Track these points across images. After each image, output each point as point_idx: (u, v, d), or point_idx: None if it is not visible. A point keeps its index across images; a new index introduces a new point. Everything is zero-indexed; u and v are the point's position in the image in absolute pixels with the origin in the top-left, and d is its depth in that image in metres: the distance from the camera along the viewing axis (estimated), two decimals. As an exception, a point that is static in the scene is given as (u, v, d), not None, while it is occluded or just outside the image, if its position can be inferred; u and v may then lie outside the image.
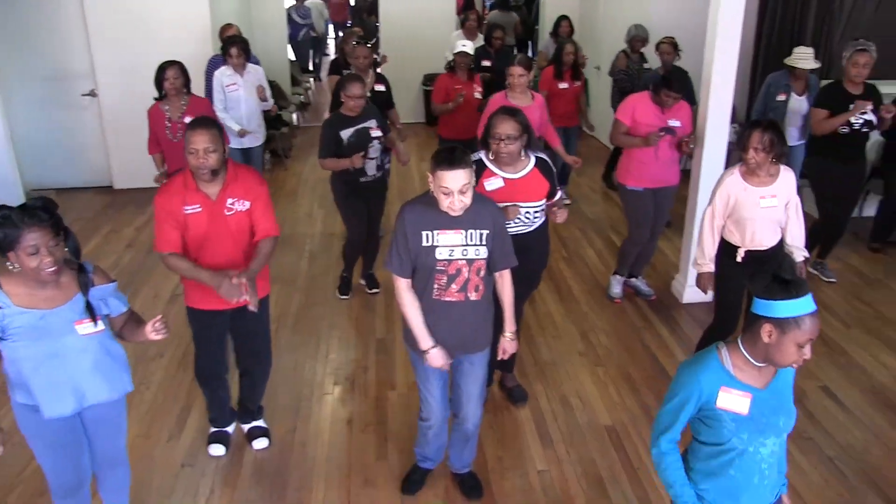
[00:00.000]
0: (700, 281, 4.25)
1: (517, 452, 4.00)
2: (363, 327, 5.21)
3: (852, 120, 5.48)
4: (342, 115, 5.06)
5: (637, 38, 7.05)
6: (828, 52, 7.72)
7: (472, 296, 3.18)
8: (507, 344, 3.42)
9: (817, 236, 5.88)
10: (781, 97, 6.14)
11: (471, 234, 3.10)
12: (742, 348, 2.29)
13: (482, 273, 3.17)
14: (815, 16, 7.63)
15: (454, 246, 3.08)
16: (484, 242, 3.12)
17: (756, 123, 3.86)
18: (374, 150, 5.14)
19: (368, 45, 6.06)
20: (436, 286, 3.14)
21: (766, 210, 3.97)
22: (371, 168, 5.19)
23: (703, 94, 5.19)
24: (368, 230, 5.51)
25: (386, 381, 4.60)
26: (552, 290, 5.77)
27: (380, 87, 6.13)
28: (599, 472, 3.85)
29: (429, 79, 10.39)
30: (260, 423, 4.10)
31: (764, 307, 2.19)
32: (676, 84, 5.00)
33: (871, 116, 5.47)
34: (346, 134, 5.04)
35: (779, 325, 2.17)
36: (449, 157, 2.92)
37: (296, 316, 5.37)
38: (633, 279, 5.68)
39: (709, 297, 4.44)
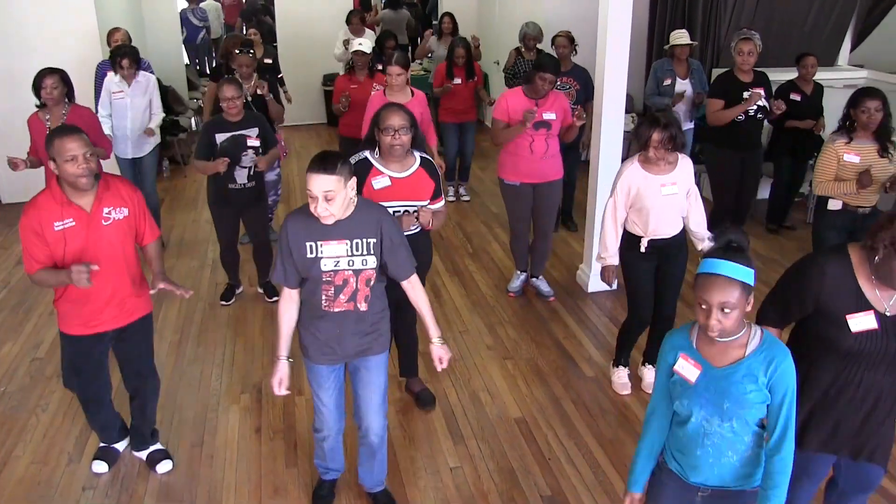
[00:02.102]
0: (604, 274, 4.27)
1: (429, 451, 3.98)
2: (269, 334, 5.10)
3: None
4: (222, 119, 5.00)
5: (529, 35, 7.10)
6: (716, 42, 7.99)
7: (362, 306, 3.09)
8: (438, 350, 3.26)
9: (717, 223, 6.05)
10: (667, 81, 6.39)
11: (356, 243, 3.00)
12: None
13: (372, 283, 3.08)
14: (703, 7, 7.87)
15: (339, 256, 2.99)
16: (371, 252, 3.03)
17: (655, 120, 3.84)
18: (248, 159, 5.03)
19: (251, 54, 5.92)
20: (324, 297, 3.05)
21: (667, 198, 3.99)
22: (241, 176, 5.07)
23: (598, 87, 5.28)
24: (253, 239, 5.47)
25: (294, 387, 4.48)
26: (458, 285, 5.79)
27: (261, 93, 5.97)
28: (511, 465, 3.86)
29: (328, 79, 10.28)
30: (157, 446, 3.92)
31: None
32: (547, 63, 4.93)
33: (764, 102, 5.67)
34: (220, 138, 4.96)
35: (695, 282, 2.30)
36: (319, 160, 2.82)
37: (200, 326, 5.22)
38: (534, 279, 5.65)
39: (614, 287, 4.50)
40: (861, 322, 2.53)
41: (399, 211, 3.75)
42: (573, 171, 6.72)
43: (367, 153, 3.75)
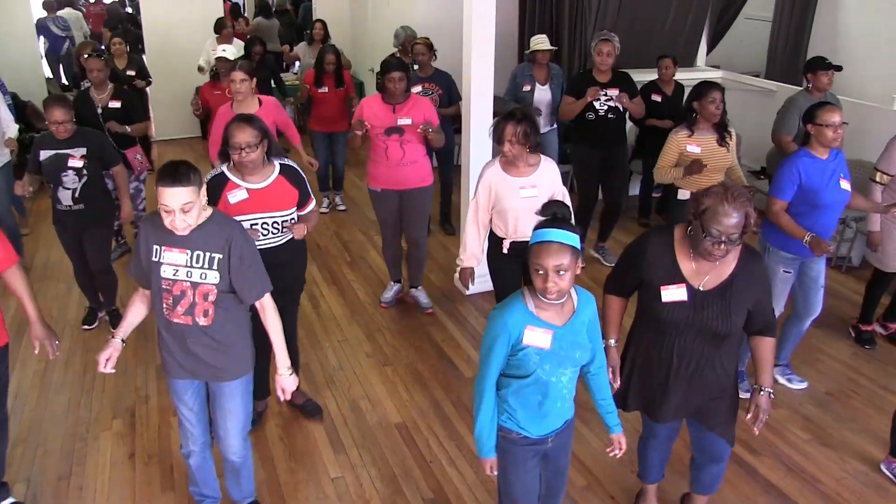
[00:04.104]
0: (461, 276, 4.32)
1: (310, 462, 3.94)
2: (141, 353, 4.92)
3: (597, 106, 5.84)
4: (51, 135, 4.72)
5: (409, 39, 7.10)
6: (583, 44, 8.23)
7: (201, 321, 2.98)
8: (283, 381, 3.16)
9: (584, 221, 6.26)
10: (527, 87, 6.48)
11: (197, 255, 2.91)
12: (535, 289, 2.53)
13: (211, 298, 2.95)
14: (568, 10, 8.10)
15: (178, 265, 2.92)
16: (214, 267, 2.92)
17: (510, 115, 3.87)
18: (70, 179, 4.74)
19: (103, 58, 5.71)
20: (164, 305, 2.98)
21: (526, 200, 4.00)
22: (66, 198, 4.80)
23: (465, 90, 5.34)
24: (92, 266, 5.12)
25: (169, 407, 4.37)
26: (336, 294, 5.76)
27: (114, 104, 5.71)
28: (393, 471, 3.87)
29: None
30: (9, 500, 3.57)
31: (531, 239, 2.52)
32: (391, 64, 4.92)
33: (615, 102, 5.86)
34: (44, 155, 4.73)
35: (527, 254, 2.51)
36: (171, 172, 2.75)
37: (67, 352, 4.98)
38: (413, 290, 5.60)
39: (473, 290, 4.55)
40: (672, 294, 2.85)
41: (266, 222, 3.66)
42: (448, 174, 6.79)
43: (223, 167, 3.64)
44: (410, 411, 4.35)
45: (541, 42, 6.45)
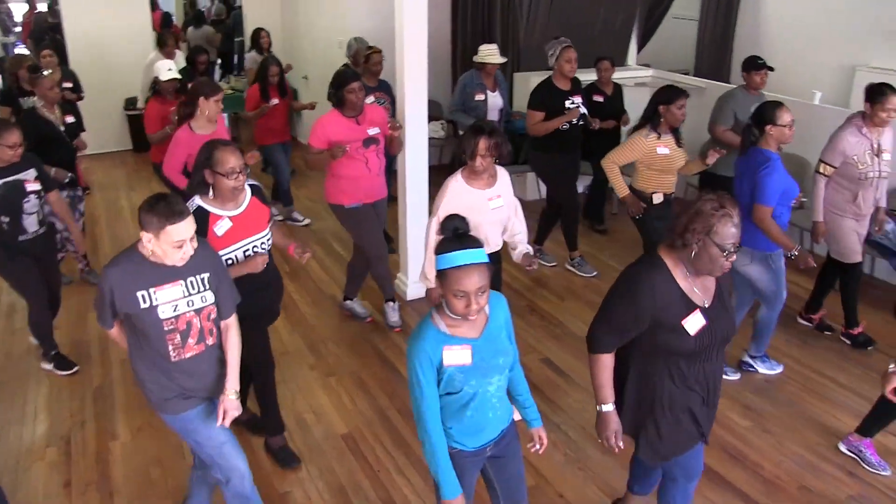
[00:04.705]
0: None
1: (257, 479, 3.77)
2: (76, 377, 4.77)
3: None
4: None
5: (361, 50, 6.97)
6: (515, 47, 8.30)
7: (210, 341, 2.98)
8: (229, 404, 3.00)
9: (549, 224, 6.31)
10: (479, 96, 6.47)
11: (191, 281, 2.86)
12: (445, 309, 2.47)
13: (213, 316, 2.96)
14: (500, 13, 8.16)
15: (176, 300, 2.82)
16: (207, 286, 2.91)
17: (479, 129, 3.80)
18: (32, 205, 4.49)
19: (47, 75, 5.54)
20: (171, 347, 2.86)
21: (495, 211, 4.00)
22: (31, 224, 4.53)
23: (399, 97, 5.32)
24: (51, 297, 4.84)
25: (107, 432, 4.25)
26: (277, 306, 5.67)
27: (70, 119, 5.58)
28: (341, 482, 3.83)
29: (130, 102, 9.78)
30: None
31: (438, 263, 2.40)
32: (348, 75, 4.85)
33: (583, 109, 5.92)
34: None
35: (439, 277, 2.40)
36: (171, 207, 2.66)
37: (-6, 380, 4.81)
38: (348, 300, 5.48)
39: (413, 295, 4.51)
40: (694, 323, 2.68)
41: (248, 250, 3.53)
42: (390, 184, 6.74)
43: (198, 200, 3.38)
44: (356, 421, 4.31)
45: (492, 54, 6.43)
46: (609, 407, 2.86)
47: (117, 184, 8.71)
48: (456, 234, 2.41)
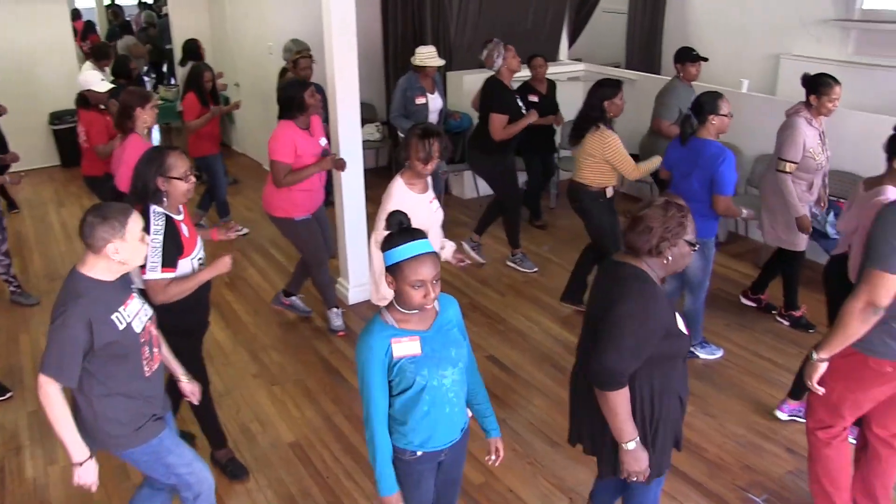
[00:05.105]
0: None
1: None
2: (10, 403, 4.60)
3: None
4: None
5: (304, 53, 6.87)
6: (447, 47, 8.31)
7: (161, 349, 3.00)
8: (187, 386, 3.24)
9: (493, 217, 6.31)
10: (421, 100, 6.42)
11: (138, 291, 2.91)
12: (395, 304, 2.46)
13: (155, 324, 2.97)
14: (430, 14, 8.16)
15: (138, 311, 2.79)
16: (142, 295, 2.96)
17: (430, 132, 3.74)
18: None
19: None
20: (144, 362, 2.79)
21: (436, 214, 4.00)
22: None
23: (331, 101, 5.25)
24: None
25: (45, 457, 4.12)
26: (216, 317, 5.50)
27: None
28: (290, 491, 3.79)
29: (56, 117, 9.49)
30: None
31: (387, 259, 2.40)
32: (303, 83, 4.82)
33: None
34: None
35: (392, 272, 2.38)
36: (121, 206, 2.69)
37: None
38: (293, 297, 5.41)
39: (355, 298, 4.46)
40: (681, 321, 2.71)
41: (202, 258, 3.50)
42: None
43: (161, 210, 3.28)
44: (303, 429, 4.27)
45: (431, 56, 6.41)
46: (636, 441, 2.64)
47: (45, 201, 8.45)
48: (402, 227, 2.43)
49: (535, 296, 5.78)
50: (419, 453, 2.58)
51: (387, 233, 2.45)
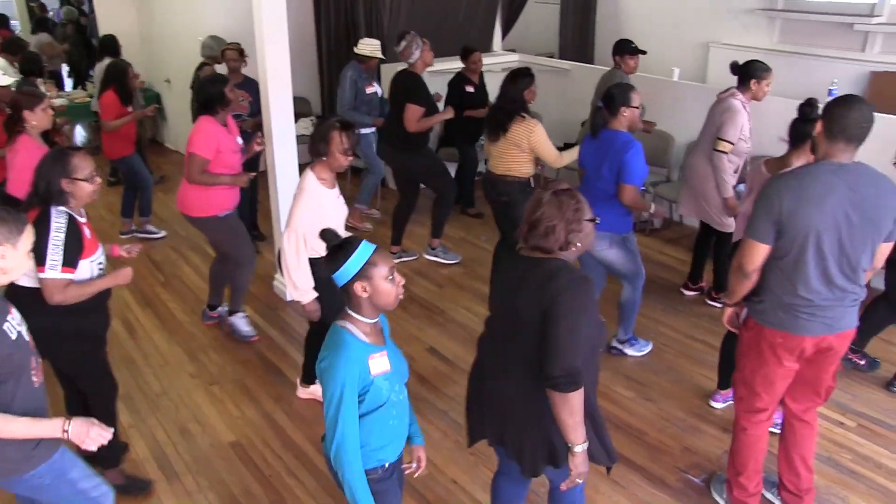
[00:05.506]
0: (308, 311, 3.96)
1: (142, 497, 3.70)
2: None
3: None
4: None
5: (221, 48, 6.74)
6: (381, 39, 8.25)
7: (39, 359, 2.73)
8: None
9: (405, 221, 6.25)
10: (370, 89, 6.42)
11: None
12: (358, 317, 2.39)
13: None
14: (364, 6, 8.09)
15: (19, 323, 2.58)
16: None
17: (349, 125, 3.72)
18: None
19: None
20: (32, 372, 2.59)
21: (343, 209, 3.95)
22: None
23: (264, 95, 5.16)
24: None
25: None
26: (152, 317, 5.43)
27: None
28: (232, 491, 3.73)
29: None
30: None
31: (342, 276, 2.32)
32: (223, 77, 4.73)
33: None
34: None
35: (362, 276, 2.31)
36: (16, 214, 2.50)
37: None
38: (233, 317, 5.14)
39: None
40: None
41: (103, 263, 3.37)
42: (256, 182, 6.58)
43: (66, 210, 3.18)
44: (243, 428, 4.20)
45: (377, 48, 6.49)
46: (586, 444, 2.59)
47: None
48: (341, 242, 2.36)
49: (475, 287, 5.79)
50: (386, 465, 2.51)
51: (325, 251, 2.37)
